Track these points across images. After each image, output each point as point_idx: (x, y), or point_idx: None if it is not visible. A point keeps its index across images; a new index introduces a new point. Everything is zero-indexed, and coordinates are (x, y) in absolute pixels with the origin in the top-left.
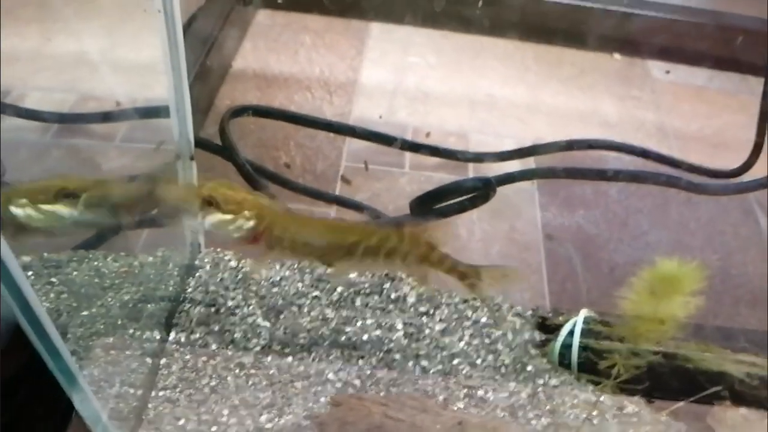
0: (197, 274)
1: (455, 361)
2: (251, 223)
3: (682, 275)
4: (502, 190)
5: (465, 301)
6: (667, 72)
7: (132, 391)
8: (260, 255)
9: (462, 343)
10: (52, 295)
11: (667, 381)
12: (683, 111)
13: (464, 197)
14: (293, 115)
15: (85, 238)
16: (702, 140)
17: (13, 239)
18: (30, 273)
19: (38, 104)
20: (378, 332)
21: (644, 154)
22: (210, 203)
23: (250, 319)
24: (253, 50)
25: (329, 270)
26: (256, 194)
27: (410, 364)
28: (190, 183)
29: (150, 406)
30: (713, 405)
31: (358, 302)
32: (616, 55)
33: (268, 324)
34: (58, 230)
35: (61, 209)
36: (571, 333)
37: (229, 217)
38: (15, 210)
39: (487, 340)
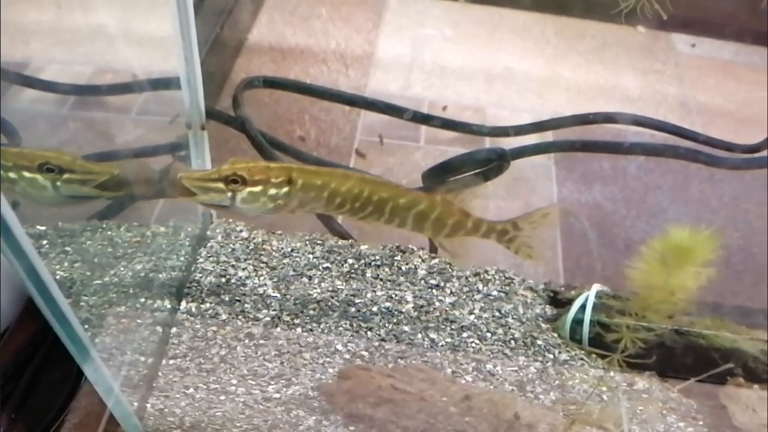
0: (209, 245)
1: (464, 334)
2: (285, 189)
3: (694, 245)
4: (518, 165)
5: (476, 274)
6: (693, 45)
7: (143, 359)
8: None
9: (472, 317)
10: (66, 264)
11: (679, 357)
12: (708, 85)
13: (477, 170)
14: (305, 86)
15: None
16: (726, 115)
17: None
18: (45, 242)
19: (56, 77)
20: (388, 304)
21: (661, 126)
22: (235, 181)
23: (260, 290)
24: (268, 23)
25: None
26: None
27: (419, 336)
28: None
29: (160, 374)
30: (726, 383)
31: (368, 274)
32: (640, 28)
33: (278, 295)
34: (39, 200)
35: (42, 180)
36: (582, 308)
37: (259, 188)
38: None
39: (497, 314)
